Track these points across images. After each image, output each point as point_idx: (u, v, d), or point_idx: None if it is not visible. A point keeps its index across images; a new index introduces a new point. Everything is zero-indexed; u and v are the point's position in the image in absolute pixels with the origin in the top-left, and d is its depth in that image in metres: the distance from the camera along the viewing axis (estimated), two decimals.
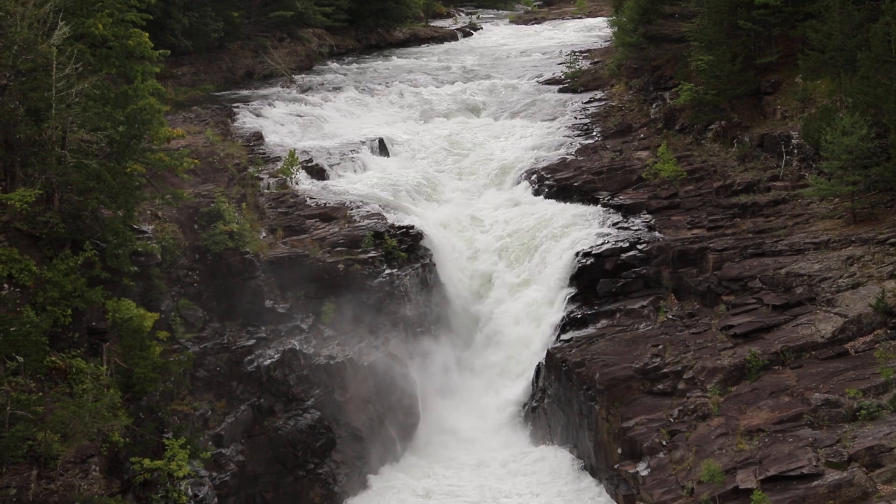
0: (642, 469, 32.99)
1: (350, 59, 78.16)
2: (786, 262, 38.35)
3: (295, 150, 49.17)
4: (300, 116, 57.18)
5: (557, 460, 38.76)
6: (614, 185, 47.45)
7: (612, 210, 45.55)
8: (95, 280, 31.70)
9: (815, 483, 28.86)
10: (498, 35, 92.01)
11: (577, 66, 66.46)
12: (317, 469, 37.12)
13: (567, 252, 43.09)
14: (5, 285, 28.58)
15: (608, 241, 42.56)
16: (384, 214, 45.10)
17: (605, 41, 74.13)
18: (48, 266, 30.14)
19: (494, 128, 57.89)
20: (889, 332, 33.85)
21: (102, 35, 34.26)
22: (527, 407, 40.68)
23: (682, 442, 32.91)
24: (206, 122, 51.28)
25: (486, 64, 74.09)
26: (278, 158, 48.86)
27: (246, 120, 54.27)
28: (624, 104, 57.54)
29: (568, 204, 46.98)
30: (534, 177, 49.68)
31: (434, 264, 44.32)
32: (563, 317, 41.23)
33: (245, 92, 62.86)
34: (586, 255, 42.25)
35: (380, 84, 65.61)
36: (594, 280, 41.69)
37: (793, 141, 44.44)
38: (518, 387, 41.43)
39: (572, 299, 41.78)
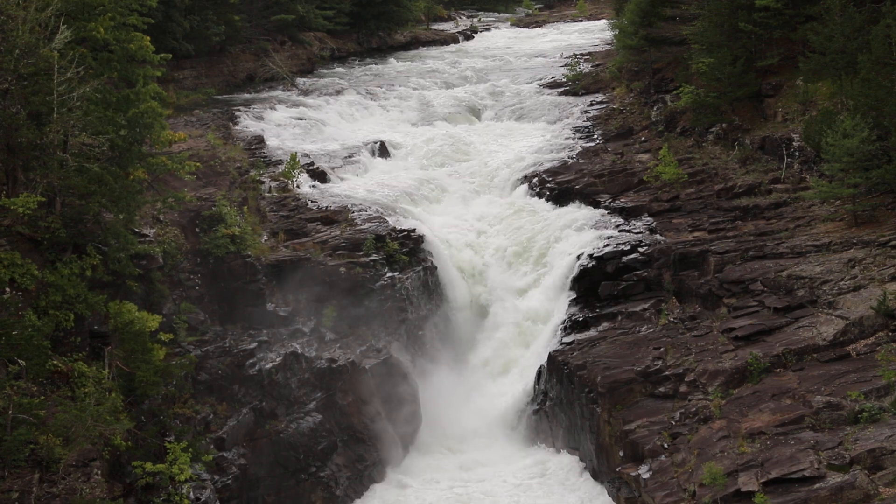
0: (644, 472, 32.97)
1: (351, 62, 78.28)
2: (787, 265, 38.35)
3: (296, 153, 49.21)
4: (301, 120, 57.28)
5: (559, 463, 38.78)
6: (615, 188, 47.48)
7: (613, 213, 45.56)
8: (98, 284, 31.74)
9: (817, 486, 28.83)
10: (499, 38, 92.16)
11: (578, 69, 66.55)
12: (319, 472, 37.12)
13: (568, 255, 43.11)
14: (7, 289, 28.61)
15: (609, 244, 42.56)
16: (385, 217, 45.13)
17: (606, 44, 74.16)
18: (50, 270, 30.18)
19: (495, 131, 57.98)
20: (891, 334, 33.81)
21: (104, 39, 34.30)
22: (528, 410, 40.67)
23: (684, 444, 32.89)
24: (208, 126, 51.38)
25: (487, 67, 74.19)
26: (280, 162, 48.93)
27: (247, 123, 54.37)
28: (625, 107, 57.59)
29: (569, 207, 47.00)
30: (535, 180, 49.70)
31: (435, 267, 44.34)
32: (565, 319, 41.22)
33: (246, 95, 63.00)
34: (588, 257, 42.26)
35: (381, 87, 65.71)
36: (595, 283, 41.69)
37: (794, 143, 44.46)
38: (520, 390, 41.41)
39: (574, 302, 41.78)
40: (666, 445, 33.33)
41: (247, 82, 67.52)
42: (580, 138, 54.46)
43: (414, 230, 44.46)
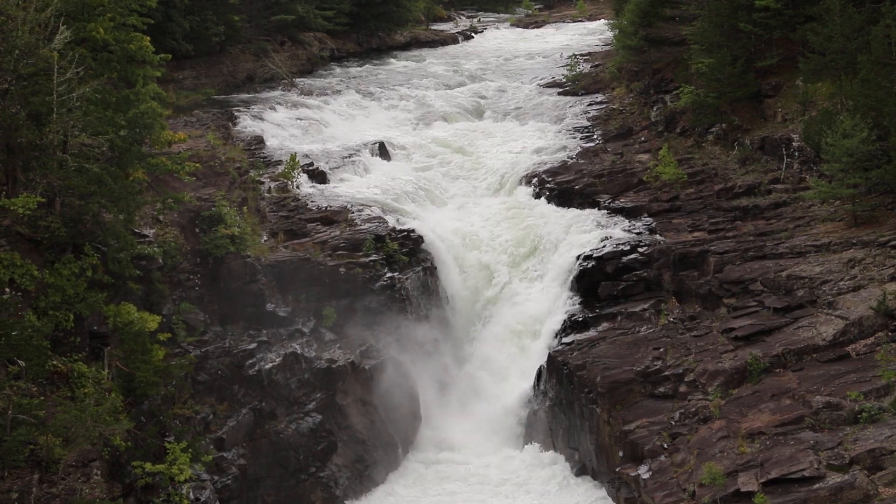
0: (643, 472, 32.98)
1: (351, 62, 78.25)
2: (787, 265, 38.36)
3: (296, 153, 49.19)
4: (301, 120, 57.20)
5: (559, 463, 38.78)
6: (615, 189, 47.48)
7: (613, 213, 45.56)
8: (98, 284, 31.74)
9: (817, 486, 28.84)
10: (498, 38, 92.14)
11: (578, 70, 66.55)
12: (318, 473, 37.13)
13: (568, 255, 43.11)
14: (7, 290, 28.62)
15: (609, 245, 42.56)
16: (385, 218, 45.13)
17: (606, 44, 74.18)
18: (50, 270, 30.18)
19: (495, 131, 57.90)
20: (890, 334, 33.81)
21: (104, 39, 34.27)
22: (528, 410, 40.67)
23: (684, 445, 32.90)
24: (208, 126, 51.32)
25: (487, 67, 74.17)
26: (279, 162, 48.89)
27: (247, 124, 54.30)
28: (625, 107, 57.59)
29: (569, 207, 46.99)
30: (535, 180, 49.70)
31: (435, 268, 44.34)
32: (565, 320, 41.22)
33: (246, 96, 62.92)
34: (587, 258, 42.26)
35: (381, 87, 65.68)
36: (595, 283, 41.69)
37: (793, 143, 44.47)
38: (519, 390, 41.40)
39: (573, 302, 41.78)
40: (665, 445, 33.34)
41: (246, 82, 67.44)
42: (580, 138, 54.45)
43: (413, 230, 44.46)
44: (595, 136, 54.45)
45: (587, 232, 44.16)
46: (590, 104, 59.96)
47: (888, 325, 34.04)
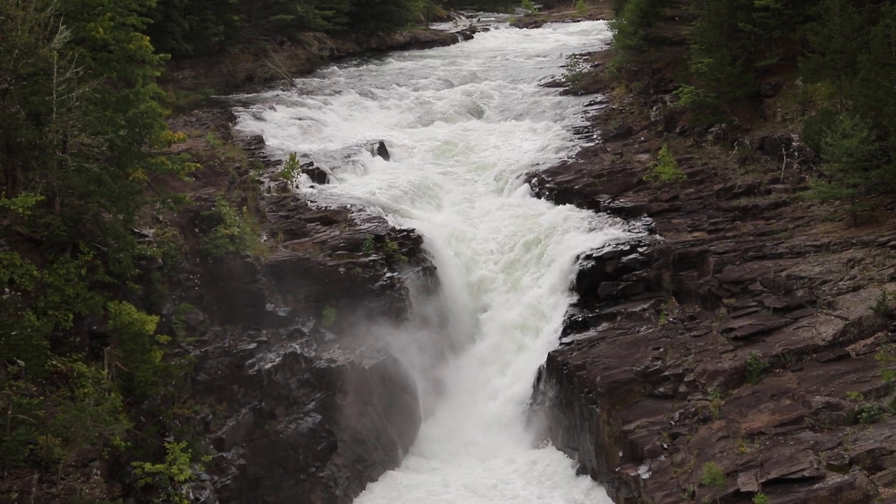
0: (643, 472, 32.97)
1: (350, 62, 78.28)
2: (786, 265, 38.35)
3: (296, 153, 49.20)
4: (301, 120, 57.26)
5: (558, 463, 38.77)
6: (615, 188, 47.47)
7: (612, 213, 45.55)
8: (98, 284, 31.73)
9: (817, 486, 28.83)
10: (498, 38, 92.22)
11: (578, 69, 66.58)
12: (318, 473, 37.11)
13: (567, 255, 43.09)
14: (6, 289, 28.62)
15: (609, 244, 42.55)
16: (385, 218, 45.14)
17: (606, 44, 74.24)
18: (49, 270, 30.17)
19: (495, 131, 57.96)
20: (890, 334, 33.79)
21: (103, 39, 34.28)
22: (528, 410, 40.67)
23: (684, 445, 32.89)
24: (207, 126, 51.33)
25: (486, 67, 74.20)
26: (279, 162, 48.91)
27: (247, 123, 54.33)
28: (624, 107, 57.60)
29: (568, 207, 46.98)
30: (534, 180, 49.70)
31: (435, 267, 44.32)
32: (564, 320, 41.23)
33: (246, 95, 62.96)
34: (587, 258, 42.26)
35: (380, 87, 65.73)
36: (595, 283, 41.68)
37: (793, 143, 44.47)
38: (519, 390, 41.40)
39: (573, 302, 41.78)
40: (665, 446, 33.33)
41: (246, 82, 67.49)
42: (579, 138, 54.47)
43: (413, 230, 44.45)
44: (595, 136, 54.45)
45: (587, 232, 44.16)
46: (589, 104, 59.99)
47: (888, 325, 34.02)
